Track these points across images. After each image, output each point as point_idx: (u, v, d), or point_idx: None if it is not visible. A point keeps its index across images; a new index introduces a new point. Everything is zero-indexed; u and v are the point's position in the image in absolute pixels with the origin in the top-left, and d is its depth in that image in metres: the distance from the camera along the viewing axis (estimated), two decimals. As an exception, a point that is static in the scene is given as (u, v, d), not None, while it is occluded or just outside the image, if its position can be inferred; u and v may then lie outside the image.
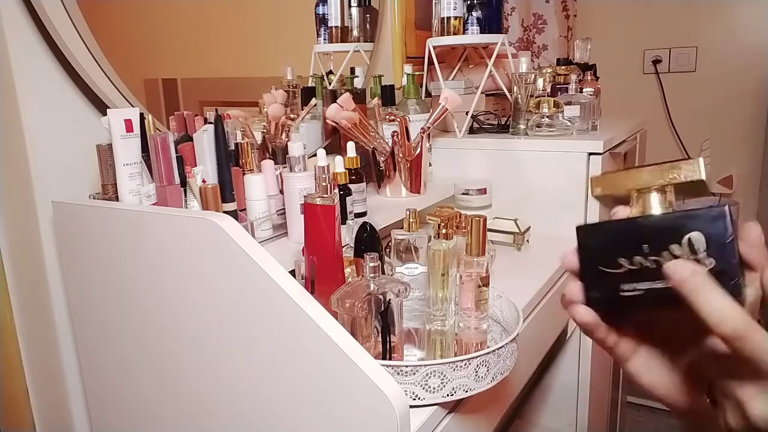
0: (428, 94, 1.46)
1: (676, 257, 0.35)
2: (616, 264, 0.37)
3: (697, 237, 0.35)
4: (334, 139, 1.23)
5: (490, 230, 1.10)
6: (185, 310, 0.67)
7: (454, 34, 1.31)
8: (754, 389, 0.33)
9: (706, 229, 0.35)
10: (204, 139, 0.80)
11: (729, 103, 2.16)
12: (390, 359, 0.64)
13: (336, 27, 1.29)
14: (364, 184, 0.99)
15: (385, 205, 1.07)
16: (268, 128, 1.02)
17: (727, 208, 0.35)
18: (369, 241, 0.75)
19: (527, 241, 1.11)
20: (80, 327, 0.82)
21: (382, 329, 0.63)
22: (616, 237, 0.37)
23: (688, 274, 0.33)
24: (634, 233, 0.37)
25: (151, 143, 0.73)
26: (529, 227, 1.12)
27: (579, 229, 0.39)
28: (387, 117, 1.16)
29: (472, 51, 1.52)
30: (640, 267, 0.36)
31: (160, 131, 0.83)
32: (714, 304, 0.32)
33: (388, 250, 0.80)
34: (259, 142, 1.02)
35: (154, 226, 0.67)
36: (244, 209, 0.83)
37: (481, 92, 1.36)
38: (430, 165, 1.26)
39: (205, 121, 0.91)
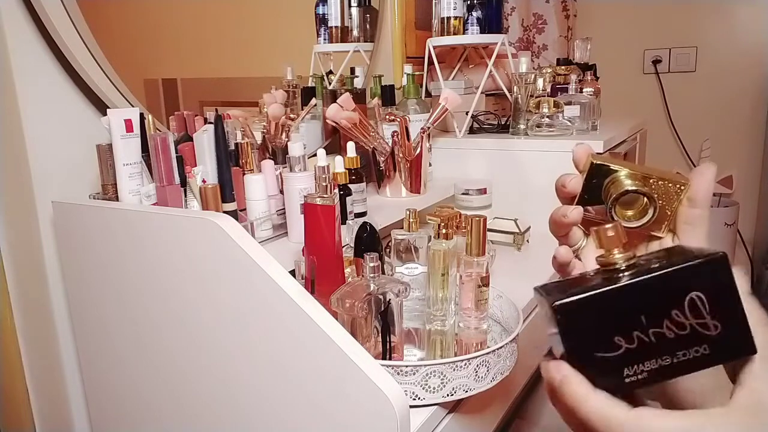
0: (428, 94, 1.46)
1: (679, 324, 0.30)
2: (612, 346, 0.31)
3: (697, 297, 0.30)
4: (334, 139, 1.23)
5: (490, 230, 1.10)
6: (185, 310, 0.67)
7: (454, 34, 1.31)
8: None
9: (706, 285, 0.30)
10: (204, 139, 0.80)
11: (729, 103, 2.16)
12: (390, 359, 0.64)
13: (336, 27, 1.29)
14: (364, 184, 0.99)
15: (385, 205, 1.07)
16: (268, 128, 1.02)
17: (725, 255, 0.30)
18: (369, 241, 0.75)
19: (527, 241, 1.11)
20: (80, 327, 0.82)
21: (382, 329, 0.63)
22: (606, 312, 0.31)
23: (559, 379, 0.32)
24: (626, 303, 0.31)
25: (151, 143, 0.73)
26: (529, 227, 1.12)
27: (558, 309, 0.31)
28: (387, 117, 1.16)
29: (472, 51, 1.52)
30: (638, 344, 0.31)
31: (160, 131, 0.83)
32: (594, 410, 0.31)
33: (388, 250, 0.80)
34: (259, 142, 1.02)
35: (154, 226, 0.67)
36: (244, 209, 0.83)
37: (481, 92, 1.36)
38: (430, 165, 1.26)
39: (205, 121, 0.91)
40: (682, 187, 0.38)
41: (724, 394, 0.32)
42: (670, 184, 0.38)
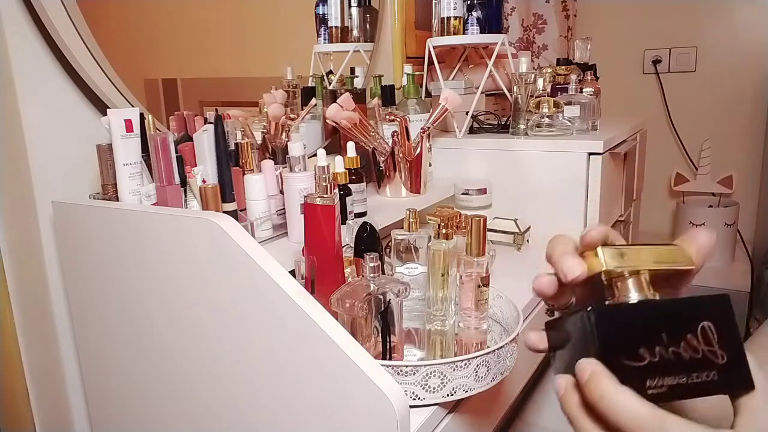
0: (428, 94, 1.46)
1: (693, 348, 0.33)
2: (638, 356, 0.33)
3: (709, 327, 0.34)
4: (334, 139, 1.23)
5: (490, 230, 1.10)
6: (185, 310, 0.67)
7: (454, 34, 1.31)
8: None
9: (716, 318, 0.34)
10: (204, 139, 0.80)
11: (729, 103, 2.16)
12: (390, 359, 0.64)
13: (336, 27, 1.29)
14: (364, 184, 0.99)
15: (385, 205, 1.07)
16: (268, 128, 1.02)
17: (728, 296, 0.34)
18: (369, 241, 0.75)
19: (527, 241, 1.11)
20: (80, 327, 0.82)
21: (382, 329, 0.63)
22: (635, 324, 0.34)
23: (590, 372, 0.33)
24: (652, 320, 0.34)
25: (151, 143, 0.73)
26: (529, 227, 1.12)
27: (593, 311, 0.34)
28: (387, 117, 1.16)
29: (472, 51, 1.52)
30: (660, 359, 0.33)
31: (160, 131, 0.83)
32: (622, 404, 0.32)
33: (388, 250, 0.80)
34: (259, 142, 1.02)
35: (154, 226, 0.67)
36: (244, 209, 0.83)
37: (481, 92, 1.36)
38: (430, 165, 1.26)
39: (205, 121, 0.91)
40: (688, 273, 0.38)
41: (722, 422, 0.34)
42: (673, 270, 0.37)
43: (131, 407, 0.79)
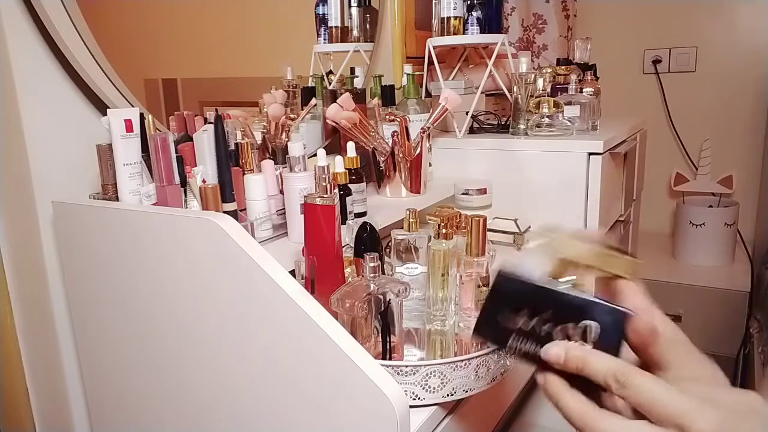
0: (428, 94, 1.46)
1: (567, 335, 0.38)
2: (513, 321, 0.39)
3: (594, 327, 0.38)
4: (334, 139, 1.23)
5: (490, 230, 1.10)
6: (185, 310, 0.67)
7: (454, 34, 1.31)
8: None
9: (605, 323, 0.38)
10: (204, 139, 0.80)
11: (729, 103, 2.15)
12: (390, 359, 0.64)
13: (336, 27, 1.29)
14: (364, 184, 0.99)
15: (385, 205, 1.07)
16: (268, 128, 1.02)
17: (628, 315, 0.37)
18: (369, 241, 0.75)
19: (527, 241, 1.11)
20: (80, 327, 0.82)
21: (382, 329, 0.63)
22: (527, 297, 0.39)
23: (564, 355, 0.37)
24: (543, 299, 0.38)
25: (151, 143, 0.73)
26: (529, 227, 1.12)
27: (500, 274, 0.40)
28: (387, 117, 1.16)
29: (472, 51, 1.52)
30: (531, 330, 0.39)
31: (160, 131, 0.83)
32: (599, 367, 0.36)
33: (388, 250, 0.80)
34: (259, 142, 1.02)
35: (154, 226, 0.67)
36: (244, 209, 0.83)
37: (481, 92, 1.36)
38: (430, 165, 1.26)
39: (205, 121, 0.91)
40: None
41: None
42: (605, 273, 0.41)
43: (131, 407, 0.79)
